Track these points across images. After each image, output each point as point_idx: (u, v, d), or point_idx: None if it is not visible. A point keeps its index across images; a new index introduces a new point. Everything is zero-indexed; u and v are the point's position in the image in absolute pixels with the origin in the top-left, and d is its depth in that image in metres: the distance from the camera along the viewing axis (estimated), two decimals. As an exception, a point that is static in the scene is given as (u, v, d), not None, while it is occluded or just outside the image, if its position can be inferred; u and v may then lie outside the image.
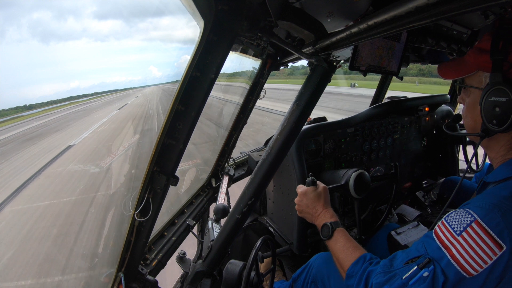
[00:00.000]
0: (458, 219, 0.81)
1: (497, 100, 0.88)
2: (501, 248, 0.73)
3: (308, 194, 1.39)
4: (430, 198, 2.61)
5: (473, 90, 1.00)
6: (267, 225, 2.28)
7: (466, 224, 0.79)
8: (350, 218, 2.12)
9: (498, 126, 0.89)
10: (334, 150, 2.08)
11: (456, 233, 0.79)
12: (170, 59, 20.10)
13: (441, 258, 0.79)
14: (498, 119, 0.89)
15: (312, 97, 1.08)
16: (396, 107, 2.42)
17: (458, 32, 1.49)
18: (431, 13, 0.62)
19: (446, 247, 0.80)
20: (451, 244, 0.79)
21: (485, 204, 0.80)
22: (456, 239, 0.78)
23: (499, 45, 0.89)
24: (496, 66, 0.90)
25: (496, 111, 0.89)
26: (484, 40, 0.96)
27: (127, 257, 1.32)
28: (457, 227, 0.80)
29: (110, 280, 1.37)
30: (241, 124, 2.28)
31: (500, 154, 0.98)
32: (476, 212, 0.79)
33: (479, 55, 0.97)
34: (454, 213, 0.84)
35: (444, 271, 0.77)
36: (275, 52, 1.88)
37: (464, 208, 0.83)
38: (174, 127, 1.09)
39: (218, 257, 1.36)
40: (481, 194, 0.91)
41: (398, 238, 1.68)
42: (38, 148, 8.69)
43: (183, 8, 1.05)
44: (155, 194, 1.22)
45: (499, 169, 0.97)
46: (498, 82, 0.89)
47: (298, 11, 0.95)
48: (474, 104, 0.99)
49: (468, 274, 0.75)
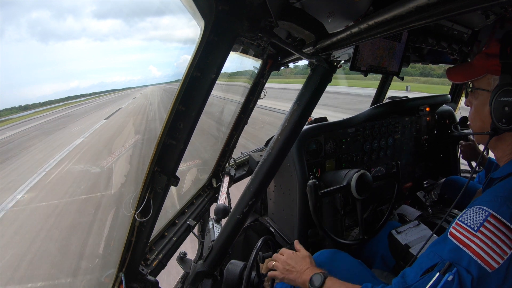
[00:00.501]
0: (472, 217, 0.84)
1: (506, 100, 0.93)
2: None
3: (295, 255, 1.33)
4: (431, 198, 2.60)
5: (482, 92, 1.05)
6: (268, 225, 2.27)
7: (482, 219, 0.82)
8: (351, 218, 2.12)
9: (507, 125, 0.94)
10: (335, 150, 2.08)
11: (473, 229, 0.82)
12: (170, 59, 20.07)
13: (461, 258, 0.81)
14: (508, 118, 0.93)
15: (313, 97, 1.08)
16: (397, 107, 2.42)
17: (459, 32, 1.49)
18: (431, 13, 0.62)
19: (465, 245, 0.82)
20: (471, 241, 0.81)
21: (496, 198, 0.84)
22: (475, 235, 0.81)
23: (507, 49, 0.94)
24: (506, 69, 0.95)
25: (505, 110, 0.94)
26: (492, 46, 1.01)
27: (127, 257, 1.32)
28: (474, 224, 0.83)
29: (111, 280, 1.37)
30: (242, 124, 2.28)
31: (507, 153, 1.03)
32: (489, 207, 0.82)
33: (487, 60, 1.02)
34: (466, 212, 0.87)
35: (469, 270, 0.79)
36: (276, 52, 1.88)
37: (475, 205, 0.86)
38: (175, 127, 1.09)
39: (218, 258, 1.36)
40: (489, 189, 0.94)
41: (399, 237, 1.68)
42: None
43: (184, 8, 1.05)
44: (155, 194, 1.22)
45: (506, 165, 1.02)
46: (508, 83, 0.94)
47: (299, 11, 0.95)
48: (483, 105, 1.04)
49: (490, 268, 0.77)
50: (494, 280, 0.78)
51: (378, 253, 1.78)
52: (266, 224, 2.29)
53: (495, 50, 0.98)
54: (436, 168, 2.73)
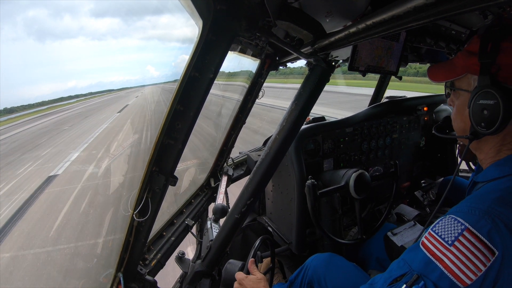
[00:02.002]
0: (447, 228, 0.79)
1: (485, 103, 0.88)
2: (493, 254, 0.73)
3: (247, 280, 1.25)
4: (429, 197, 2.61)
5: (462, 93, 1.00)
6: (266, 225, 2.28)
7: (457, 233, 0.76)
8: (349, 218, 2.12)
9: (486, 129, 0.89)
10: (333, 150, 2.08)
11: (447, 243, 0.76)
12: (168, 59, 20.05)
13: (432, 271, 0.77)
14: (487, 122, 0.89)
15: (311, 97, 1.08)
16: (394, 106, 2.42)
17: (457, 32, 1.49)
18: (429, 13, 0.62)
19: (438, 259, 0.77)
20: (443, 255, 0.76)
21: (474, 210, 0.79)
22: (448, 249, 0.76)
23: (487, 47, 0.89)
24: (484, 69, 0.90)
25: (484, 114, 0.89)
26: (473, 43, 0.96)
27: (126, 257, 1.32)
28: (448, 237, 0.77)
29: (109, 280, 1.37)
30: (240, 124, 2.28)
31: (490, 156, 0.98)
32: (466, 220, 0.77)
33: (468, 58, 0.97)
34: (441, 222, 0.81)
35: (437, 284, 0.75)
36: (274, 52, 1.88)
37: (451, 215, 0.81)
38: (173, 127, 1.09)
39: (217, 257, 1.36)
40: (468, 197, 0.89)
41: (394, 239, 1.68)
42: None
43: (182, 8, 1.04)
44: (154, 194, 1.22)
45: (488, 169, 0.97)
46: (486, 85, 0.89)
47: (297, 11, 0.95)
48: (464, 106, 0.99)
49: (463, 284, 0.73)
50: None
51: (373, 255, 1.77)
52: (264, 224, 2.30)
53: (475, 48, 0.93)
54: (434, 167, 2.74)
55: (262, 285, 1.21)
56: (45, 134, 18.54)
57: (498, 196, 0.82)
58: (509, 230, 0.74)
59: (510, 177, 0.88)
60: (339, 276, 1.41)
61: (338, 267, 1.46)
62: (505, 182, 0.87)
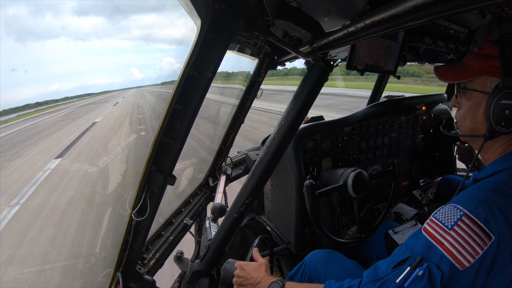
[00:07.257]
0: (447, 215, 0.85)
1: (507, 103, 0.93)
2: (490, 238, 0.78)
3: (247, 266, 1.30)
4: (427, 196, 2.62)
5: (476, 94, 1.04)
6: (265, 224, 2.28)
7: (456, 218, 0.82)
8: (348, 217, 2.13)
9: (506, 128, 0.94)
10: (331, 149, 2.08)
11: (447, 227, 0.82)
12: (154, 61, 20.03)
13: (434, 254, 0.82)
14: (507, 121, 0.94)
15: (309, 97, 1.08)
16: (393, 106, 2.43)
17: (455, 31, 1.49)
18: (428, 12, 0.62)
19: (438, 242, 0.82)
20: (444, 238, 0.82)
21: (471, 199, 0.85)
22: (448, 233, 0.82)
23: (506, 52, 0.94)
24: (508, 71, 0.95)
25: (505, 113, 0.94)
26: (487, 47, 1.00)
27: (124, 256, 1.32)
28: (448, 222, 0.83)
29: (108, 280, 1.36)
30: (238, 123, 2.28)
31: (494, 155, 1.03)
32: (464, 207, 0.83)
33: (484, 61, 1.01)
34: (442, 210, 0.88)
35: (439, 266, 0.80)
36: (272, 51, 1.88)
37: (451, 203, 0.87)
38: (172, 126, 1.09)
39: (215, 257, 1.36)
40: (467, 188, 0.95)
41: (395, 237, 1.68)
42: None
43: (180, 7, 1.04)
44: (152, 194, 1.22)
45: (489, 166, 1.03)
46: (510, 86, 0.94)
47: (295, 10, 0.95)
48: (476, 106, 1.04)
49: (461, 267, 0.78)
50: (464, 278, 0.79)
51: (374, 252, 1.78)
52: (263, 223, 2.30)
53: (491, 51, 0.98)
54: (432, 166, 2.75)
55: (263, 269, 1.26)
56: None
57: (494, 186, 0.88)
58: (504, 217, 0.80)
59: (507, 171, 0.94)
60: (338, 272, 1.42)
61: (337, 263, 1.47)
62: (502, 175, 0.94)
